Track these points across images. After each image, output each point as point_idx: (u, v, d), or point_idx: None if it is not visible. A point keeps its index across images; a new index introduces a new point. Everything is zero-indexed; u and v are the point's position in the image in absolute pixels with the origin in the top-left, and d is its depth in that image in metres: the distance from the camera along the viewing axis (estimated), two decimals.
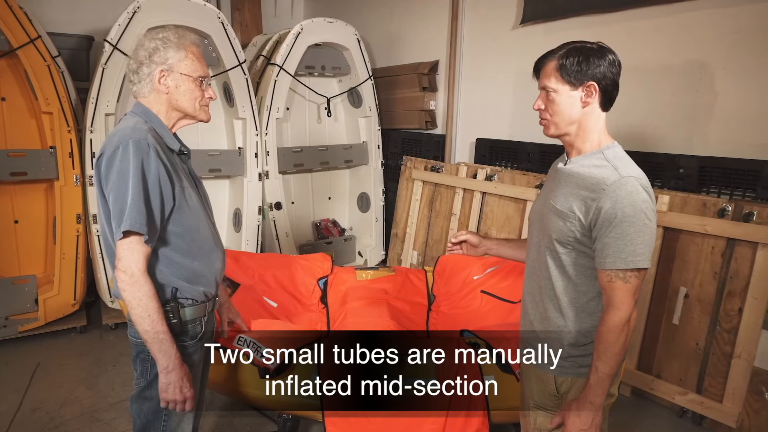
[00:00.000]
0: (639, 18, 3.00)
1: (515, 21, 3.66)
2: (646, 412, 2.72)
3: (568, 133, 1.36)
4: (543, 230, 1.41)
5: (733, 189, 2.67)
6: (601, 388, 1.31)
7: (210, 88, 1.48)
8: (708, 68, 2.76)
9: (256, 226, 3.92)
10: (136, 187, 1.28)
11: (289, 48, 3.95)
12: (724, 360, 2.51)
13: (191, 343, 1.44)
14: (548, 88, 1.34)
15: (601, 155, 1.33)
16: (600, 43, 1.35)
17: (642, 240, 1.24)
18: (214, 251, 1.49)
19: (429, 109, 4.36)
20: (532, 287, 1.49)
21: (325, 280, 2.78)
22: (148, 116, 1.42)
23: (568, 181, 1.36)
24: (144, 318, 1.30)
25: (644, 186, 1.26)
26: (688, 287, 2.67)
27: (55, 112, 3.25)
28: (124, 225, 1.27)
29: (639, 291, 1.29)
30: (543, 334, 1.44)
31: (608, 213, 1.25)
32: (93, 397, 2.70)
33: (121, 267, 1.30)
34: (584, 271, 1.35)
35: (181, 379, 1.35)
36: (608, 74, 1.30)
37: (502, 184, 3.52)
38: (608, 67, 1.30)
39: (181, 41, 1.41)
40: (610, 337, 1.28)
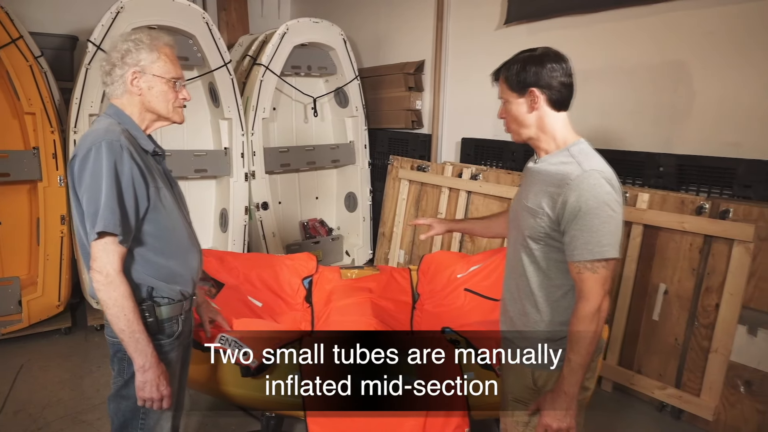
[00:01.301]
0: (620, 19, 3.04)
1: (499, 21, 3.69)
2: (627, 407, 2.77)
3: (530, 136, 1.42)
4: (518, 229, 1.46)
5: (711, 187, 2.72)
6: (575, 378, 1.35)
7: (184, 89, 1.48)
8: (686, 68, 2.80)
9: (242, 226, 3.93)
10: (109, 188, 1.28)
11: (275, 48, 3.95)
12: (702, 355, 2.55)
13: (168, 341, 1.45)
14: (502, 98, 1.43)
15: (567, 152, 1.37)
16: (544, 49, 1.40)
17: (607, 230, 1.28)
18: (190, 251, 1.50)
19: (415, 108, 4.38)
20: (510, 284, 1.53)
21: (310, 280, 2.79)
22: (121, 118, 1.42)
23: (537, 179, 1.40)
24: (120, 317, 1.31)
25: (607, 179, 1.30)
26: (667, 284, 2.71)
27: (38, 113, 3.23)
28: (98, 226, 1.28)
29: (608, 281, 1.32)
30: (521, 330, 1.47)
31: (573, 206, 1.29)
32: (77, 398, 2.70)
33: (96, 267, 1.31)
34: (557, 266, 1.39)
35: (158, 378, 1.36)
36: (548, 78, 1.35)
37: (487, 183, 3.55)
38: (548, 72, 1.35)
39: (154, 43, 1.42)
40: (581, 327, 1.32)
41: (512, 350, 1.52)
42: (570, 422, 1.37)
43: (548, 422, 1.38)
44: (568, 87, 1.39)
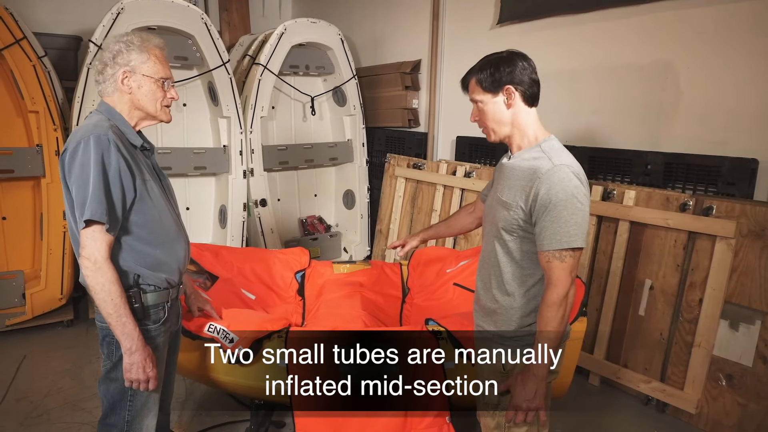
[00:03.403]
0: (609, 18, 3.09)
1: (492, 21, 3.75)
2: (613, 401, 2.81)
3: (507, 134, 1.50)
4: (492, 221, 1.53)
5: (696, 184, 2.76)
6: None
7: (172, 89, 1.56)
8: (673, 67, 2.85)
9: (241, 222, 4.00)
10: (96, 179, 1.36)
11: (273, 48, 4.03)
12: (686, 349, 2.60)
13: (154, 327, 1.52)
14: (475, 100, 1.49)
15: (538, 148, 1.44)
16: (510, 51, 1.48)
17: (575, 221, 1.34)
18: (176, 241, 1.57)
19: (412, 107, 4.44)
20: (484, 274, 1.60)
21: (302, 273, 2.86)
22: (111, 114, 1.50)
23: (511, 174, 1.47)
24: (107, 302, 1.39)
25: (575, 173, 1.37)
26: (653, 279, 2.76)
27: (41, 111, 3.33)
28: (86, 214, 1.35)
29: (576, 269, 1.39)
30: (493, 317, 1.54)
31: (543, 199, 1.36)
32: (76, 387, 2.78)
33: (84, 254, 1.38)
34: (529, 256, 1.46)
35: (144, 360, 1.43)
36: (520, 76, 1.43)
37: (480, 180, 3.61)
38: (520, 70, 1.43)
39: (144, 44, 1.49)
40: (549, 312, 1.39)
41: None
42: (539, 403, 1.44)
43: (518, 403, 1.44)
44: (537, 83, 1.47)
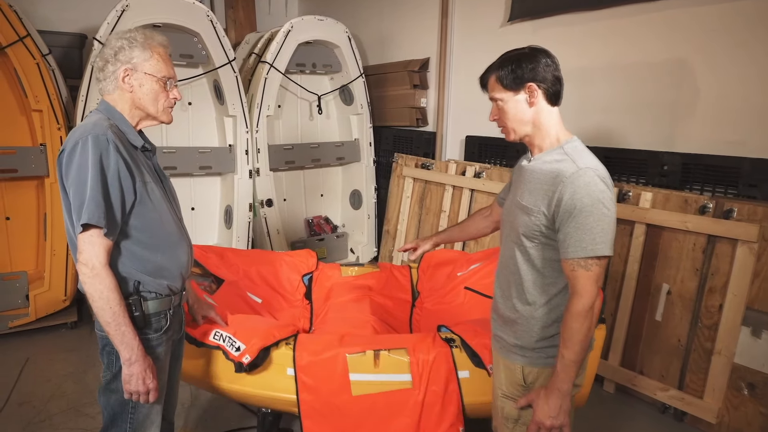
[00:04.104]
0: (623, 15, 3.00)
1: (504, 18, 3.67)
2: (629, 408, 2.74)
3: (527, 133, 1.42)
4: (511, 227, 1.46)
5: (715, 186, 2.68)
6: (568, 375, 1.34)
7: (175, 89, 1.49)
8: (689, 65, 2.76)
9: (246, 223, 3.95)
10: (94, 181, 1.30)
11: (279, 46, 3.97)
12: (705, 356, 2.52)
13: (155, 336, 1.46)
14: (495, 98, 1.43)
15: (561, 150, 1.37)
16: (532, 46, 1.41)
17: (601, 228, 1.27)
18: (179, 245, 1.51)
19: (420, 106, 4.37)
20: (502, 282, 1.53)
21: (310, 276, 2.80)
22: (111, 113, 1.44)
23: (532, 178, 1.39)
24: (105, 310, 1.33)
25: (601, 177, 1.29)
26: (670, 284, 2.68)
27: (45, 110, 3.28)
28: (83, 218, 1.29)
29: (602, 278, 1.32)
30: (513, 327, 1.46)
31: (567, 204, 1.28)
32: (80, 391, 2.73)
33: (81, 260, 1.32)
34: (551, 264, 1.39)
35: (144, 371, 1.37)
36: (544, 73, 1.36)
37: (490, 181, 3.53)
38: (543, 67, 1.36)
39: (148, 41, 1.43)
40: (574, 324, 1.31)
41: (502, 347, 1.52)
42: (564, 419, 1.36)
43: (541, 419, 1.37)
44: (560, 81, 1.41)
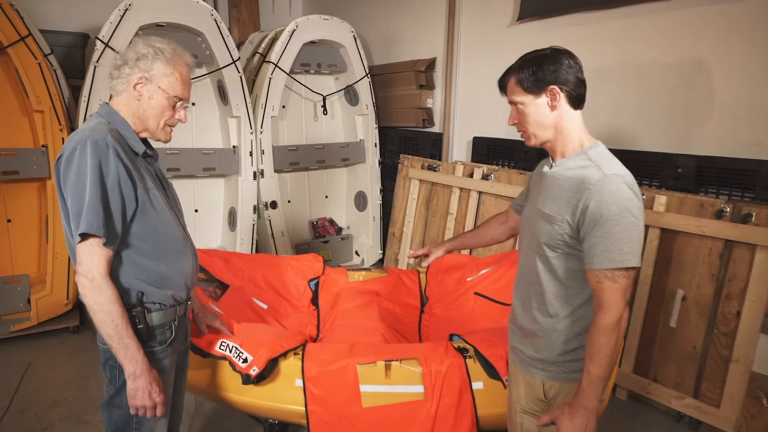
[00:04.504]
0: (634, 15, 2.94)
1: (512, 18, 3.61)
2: (642, 416, 2.68)
3: (549, 138, 1.36)
4: (532, 235, 1.39)
5: (731, 189, 2.62)
6: (594, 392, 1.28)
7: (183, 110, 1.44)
8: (705, 65, 2.70)
9: (251, 225, 3.90)
10: (93, 188, 1.24)
11: (284, 45, 3.91)
12: (722, 364, 2.46)
13: (160, 348, 1.40)
14: (515, 102, 1.37)
15: (585, 156, 1.31)
16: (554, 47, 1.35)
17: (629, 238, 1.21)
18: (183, 254, 1.45)
19: (426, 107, 4.31)
20: (522, 292, 1.46)
21: (316, 281, 2.74)
22: (112, 117, 1.39)
23: (554, 185, 1.34)
24: (107, 323, 1.27)
25: (629, 184, 1.24)
26: (685, 289, 2.62)
27: (47, 111, 3.23)
28: (81, 227, 1.23)
29: (629, 290, 1.26)
30: (533, 340, 1.40)
31: (593, 212, 1.22)
32: (82, 398, 2.68)
33: (81, 271, 1.26)
34: (575, 275, 1.33)
35: (149, 385, 1.31)
36: (566, 75, 1.30)
37: (499, 183, 3.47)
38: (566, 69, 1.31)
39: (174, 58, 1.39)
40: (600, 338, 1.25)
41: (521, 360, 1.46)
42: None
43: None
44: (583, 83, 1.35)
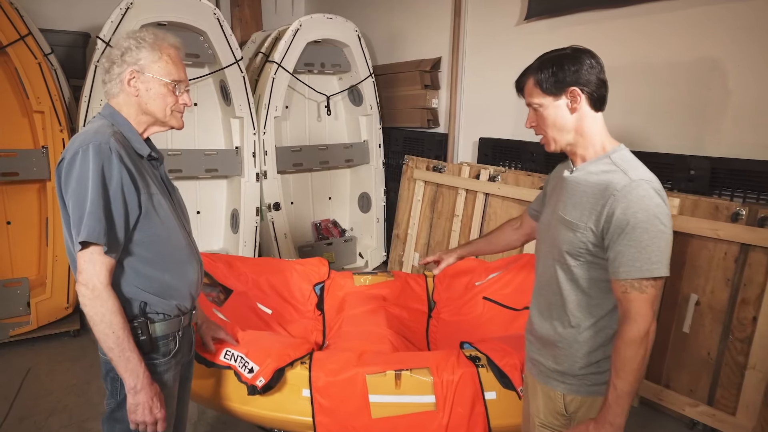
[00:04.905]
0: (646, 13, 2.88)
1: (519, 17, 3.55)
2: (654, 423, 2.62)
3: (569, 142, 1.30)
4: (552, 243, 1.33)
5: (746, 192, 2.56)
6: (621, 408, 1.22)
7: (186, 93, 1.39)
8: (720, 65, 2.64)
9: (253, 227, 3.84)
10: (95, 194, 1.19)
11: (288, 45, 3.86)
12: (737, 371, 2.40)
13: (163, 360, 1.35)
14: (533, 104, 1.31)
15: (608, 159, 1.25)
16: (574, 47, 1.29)
17: (657, 247, 1.15)
18: (188, 262, 1.40)
19: (431, 107, 4.26)
20: (541, 301, 1.40)
21: (321, 286, 2.69)
22: (115, 119, 1.33)
23: (576, 190, 1.27)
24: (108, 335, 1.22)
25: (657, 190, 1.18)
26: (699, 294, 2.56)
27: (47, 111, 3.18)
28: (82, 235, 1.18)
29: (657, 301, 1.20)
30: (553, 351, 1.35)
31: (619, 219, 1.17)
32: (83, 405, 2.63)
33: (81, 280, 1.21)
34: (598, 284, 1.27)
35: (151, 399, 1.26)
36: (588, 75, 1.24)
37: (506, 185, 3.42)
38: (587, 69, 1.24)
39: (158, 42, 1.32)
40: (627, 352, 1.19)
41: (540, 371, 1.40)
42: None
43: None
44: (605, 84, 1.29)
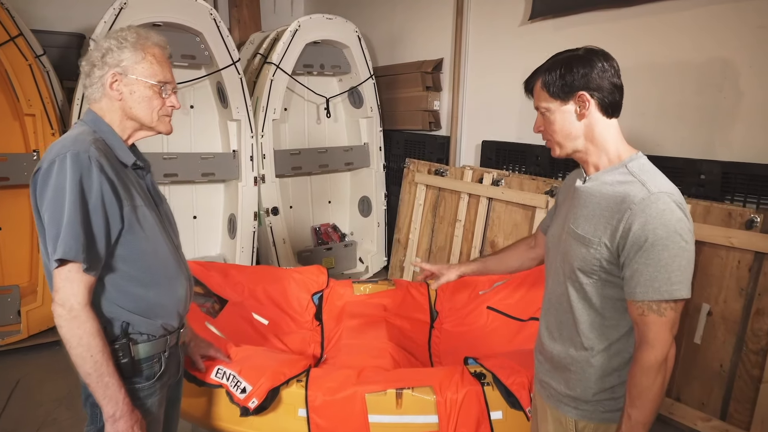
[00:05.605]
0: (655, 13, 2.80)
1: (523, 17, 3.46)
2: None
3: (576, 149, 1.21)
4: (563, 259, 1.24)
5: (759, 197, 2.47)
6: None
7: (173, 95, 1.30)
8: (732, 66, 2.55)
9: (251, 232, 3.76)
10: (73, 207, 1.10)
11: (286, 46, 3.78)
12: (752, 384, 2.31)
13: (146, 384, 1.25)
14: (541, 108, 1.21)
15: (624, 169, 1.16)
16: (588, 48, 1.20)
17: (678, 266, 1.07)
18: (175, 278, 1.30)
19: (433, 109, 4.17)
20: (550, 320, 1.31)
21: (320, 295, 2.60)
22: (98, 125, 1.24)
23: (589, 202, 1.18)
24: (85, 359, 1.12)
25: (678, 203, 1.09)
26: (711, 304, 2.47)
27: (38, 114, 3.10)
28: (58, 252, 1.09)
29: (677, 325, 1.11)
30: (565, 375, 1.25)
31: (637, 235, 1.07)
32: (72, 418, 2.54)
33: (57, 300, 1.12)
34: (613, 304, 1.18)
35: (131, 428, 1.17)
36: (599, 80, 1.15)
37: (510, 189, 3.33)
38: (599, 73, 1.15)
39: (140, 41, 1.23)
40: (644, 380, 1.10)
41: (550, 394, 1.31)
42: None
43: None
44: (619, 89, 1.19)
